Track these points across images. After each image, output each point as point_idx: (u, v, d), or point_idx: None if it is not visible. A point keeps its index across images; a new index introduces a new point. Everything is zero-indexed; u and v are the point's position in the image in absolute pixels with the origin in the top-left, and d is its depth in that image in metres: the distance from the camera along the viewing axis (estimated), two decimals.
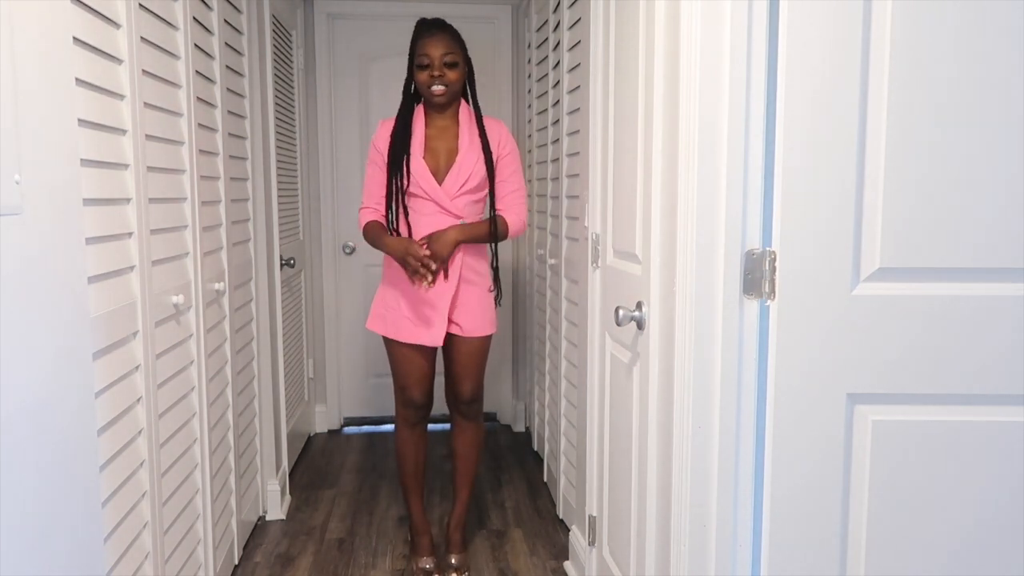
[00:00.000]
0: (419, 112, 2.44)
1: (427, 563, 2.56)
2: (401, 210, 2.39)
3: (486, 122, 2.45)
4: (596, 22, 2.15)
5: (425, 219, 2.38)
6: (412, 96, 2.45)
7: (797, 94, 1.36)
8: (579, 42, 2.49)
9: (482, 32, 3.96)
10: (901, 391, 1.42)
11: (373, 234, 2.42)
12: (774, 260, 1.40)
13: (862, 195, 1.38)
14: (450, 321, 2.42)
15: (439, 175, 2.39)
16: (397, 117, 2.43)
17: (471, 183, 2.39)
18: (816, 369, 1.41)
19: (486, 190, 2.43)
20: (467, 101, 2.48)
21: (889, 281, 1.40)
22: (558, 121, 2.87)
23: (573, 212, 2.64)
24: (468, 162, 2.38)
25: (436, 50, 2.34)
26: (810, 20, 1.35)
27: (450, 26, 2.40)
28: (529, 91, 3.71)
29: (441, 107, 2.40)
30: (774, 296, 1.41)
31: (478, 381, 2.52)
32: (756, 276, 1.43)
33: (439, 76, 2.34)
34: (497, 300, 2.50)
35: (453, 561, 2.58)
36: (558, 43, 2.88)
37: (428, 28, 2.38)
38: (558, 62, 2.87)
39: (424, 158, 2.38)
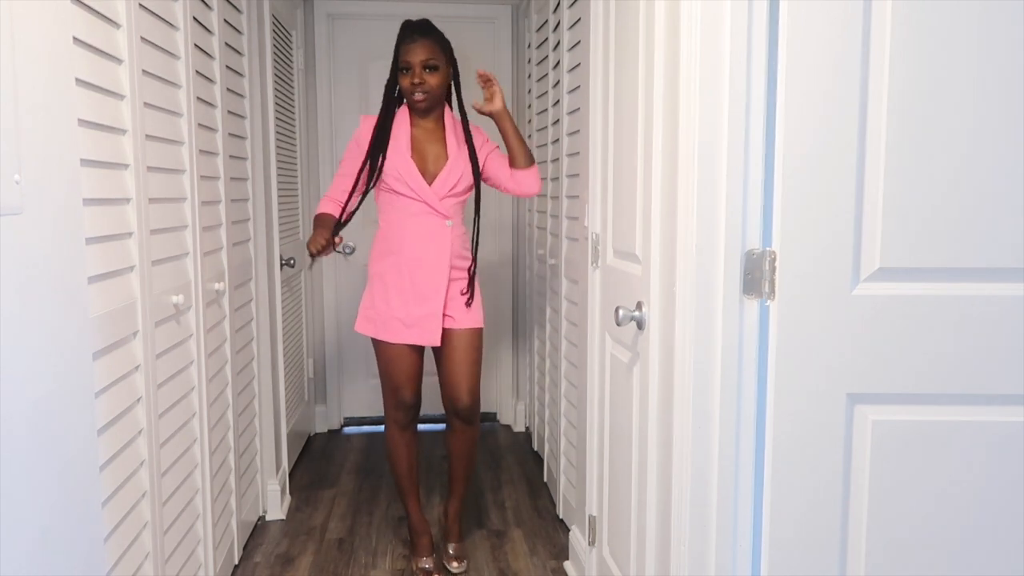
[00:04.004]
0: (403, 113, 2.47)
1: (427, 563, 2.57)
2: (386, 208, 2.44)
3: (472, 128, 2.50)
4: (596, 22, 2.15)
5: (411, 219, 2.42)
6: (395, 97, 2.47)
7: (797, 94, 1.36)
8: (579, 42, 2.49)
9: (482, 32, 3.96)
10: (901, 391, 1.42)
11: (318, 220, 2.44)
12: (774, 260, 1.40)
13: (862, 195, 1.38)
14: (444, 315, 2.46)
15: (427, 176, 2.42)
16: (379, 117, 2.45)
17: (459, 187, 2.44)
18: (816, 369, 1.41)
19: (470, 193, 2.49)
20: (451, 105, 2.51)
21: (889, 281, 1.40)
22: (558, 121, 2.87)
23: (573, 212, 2.64)
24: (458, 167, 2.43)
25: (416, 56, 2.36)
26: (810, 19, 1.35)
27: (433, 30, 2.41)
28: (529, 91, 3.71)
29: (424, 112, 2.44)
30: (774, 296, 1.41)
31: (475, 381, 2.51)
32: (756, 276, 1.43)
33: (419, 83, 2.37)
34: (468, 301, 2.49)
35: (451, 551, 2.62)
36: (558, 43, 2.88)
37: (410, 33, 2.39)
38: (558, 62, 2.87)
39: (412, 158, 2.41)
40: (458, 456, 2.59)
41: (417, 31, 2.39)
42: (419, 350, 2.50)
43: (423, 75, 2.37)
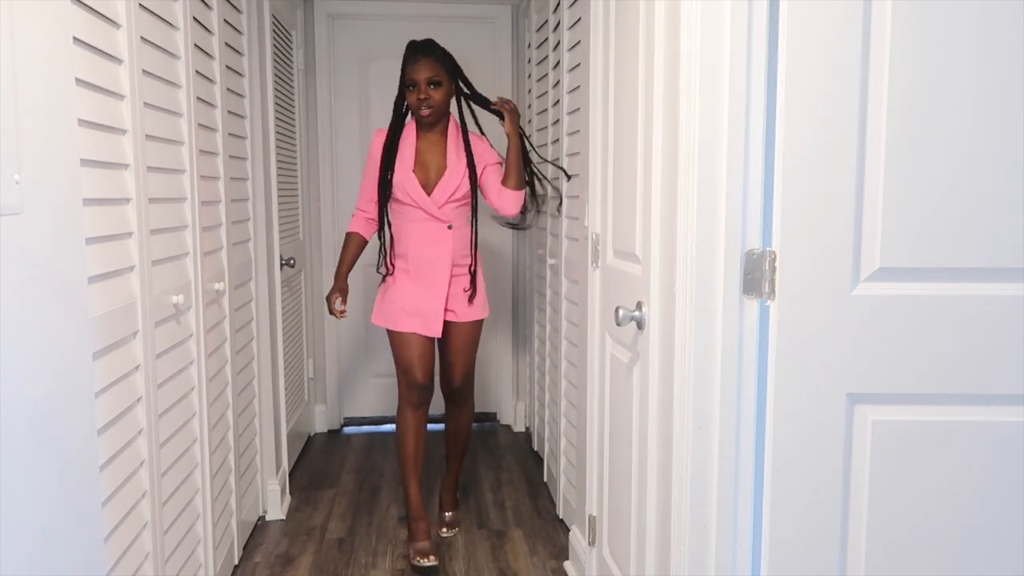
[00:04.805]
0: (411, 127, 2.68)
1: (423, 546, 2.63)
2: (386, 217, 2.71)
3: (471, 138, 2.69)
4: (596, 22, 2.15)
5: (415, 225, 2.65)
6: (404, 112, 2.68)
7: (797, 94, 1.36)
8: (579, 42, 2.49)
9: (482, 32, 3.96)
10: (901, 391, 1.42)
11: (344, 250, 2.77)
12: (774, 260, 1.40)
13: (862, 195, 1.38)
14: (446, 309, 2.68)
15: (428, 187, 2.64)
16: (388, 132, 2.68)
17: (457, 194, 2.64)
18: (816, 369, 1.41)
19: (471, 199, 2.69)
20: (455, 117, 2.70)
21: (889, 281, 1.40)
22: (558, 121, 2.87)
23: (573, 212, 2.64)
24: (456, 176, 2.64)
25: (421, 74, 2.57)
26: (810, 19, 1.35)
27: (436, 49, 2.61)
28: (529, 91, 3.71)
29: (430, 125, 2.64)
30: (774, 296, 1.41)
31: (468, 368, 2.80)
32: (756, 276, 1.43)
33: (425, 99, 2.57)
34: (470, 298, 2.71)
35: (446, 518, 2.91)
36: (558, 43, 2.88)
37: (414, 53, 2.59)
38: (558, 62, 2.87)
39: (415, 171, 2.63)
40: (452, 434, 2.92)
41: (421, 51, 2.59)
42: (428, 337, 2.69)
43: (428, 91, 2.57)
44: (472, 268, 2.70)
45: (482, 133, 2.75)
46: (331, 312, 2.74)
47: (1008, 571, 1.45)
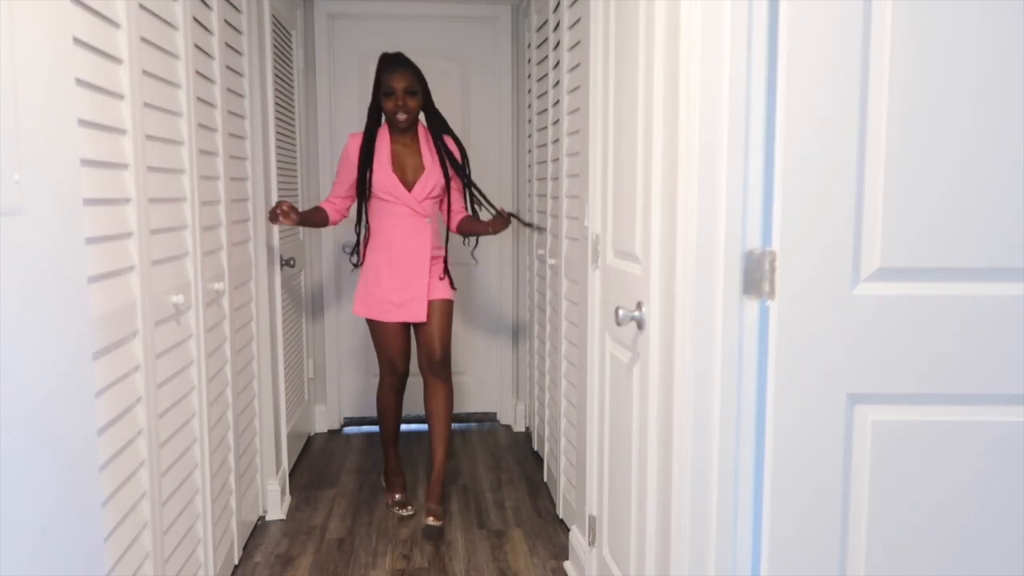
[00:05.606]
0: (384, 131, 2.92)
1: (400, 497, 3.10)
2: (365, 212, 2.94)
3: (445, 139, 2.94)
4: (596, 22, 2.15)
5: (397, 220, 2.89)
6: (377, 117, 2.92)
7: (797, 94, 1.36)
8: (579, 42, 2.49)
9: (482, 32, 3.96)
10: (901, 391, 1.42)
11: (312, 209, 2.99)
12: (774, 260, 1.40)
13: (862, 195, 1.38)
14: None
15: (407, 184, 2.88)
16: (364, 135, 2.90)
17: (435, 191, 2.92)
18: (816, 369, 1.41)
19: (444, 194, 2.96)
20: (423, 124, 2.99)
21: (889, 281, 1.40)
22: (558, 121, 2.87)
23: (573, 212, 2.64)
24: (434, 175, 2.91)
25: (399, 83, 2.81)
26: (810, 19, 1.35)
27: (410, 61, 2.86)
28: (529, 91, 3.71)
29: (403, 130, 2.89)
30: (774, 296, 1.41)
31: (446, 340, 2.98)
32: (756, 276, 1.43)
33: (402, 105, 2.82)
34: (450, 284, 3.04)
35: (431, 509, 2.95)
36: (558, 43, 2.88)
37: (392, 64, 2.83)
38: (558, 62, 2.87)
39: (393, 170, 2.86)
40: (435, 415, 2.99)
41: (398, 63, 2.83)
42: (406, 326, 2.99)
43: (405, 99, 2.82)
44: (444, 255, 3.00)
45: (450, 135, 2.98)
46: (272, 210, 2.69)
47: (1008, 571, 1.45)
